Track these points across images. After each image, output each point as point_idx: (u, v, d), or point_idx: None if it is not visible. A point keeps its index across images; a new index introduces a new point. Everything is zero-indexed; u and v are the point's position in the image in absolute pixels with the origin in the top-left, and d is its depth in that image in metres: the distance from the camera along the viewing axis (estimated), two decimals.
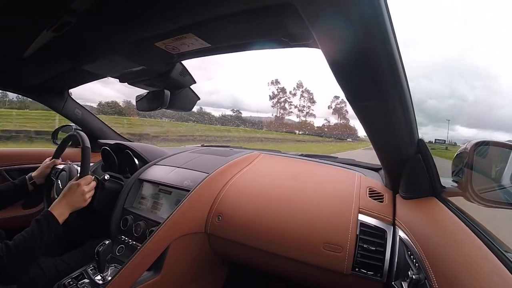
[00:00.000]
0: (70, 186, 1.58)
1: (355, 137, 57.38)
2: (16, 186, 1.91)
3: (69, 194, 1.55)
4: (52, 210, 1.48)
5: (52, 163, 2.04)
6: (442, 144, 25.27)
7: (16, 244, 1.32)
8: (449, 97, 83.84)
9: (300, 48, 1.23)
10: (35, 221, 1.42)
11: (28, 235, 1.36)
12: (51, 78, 2.05)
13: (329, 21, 0.76)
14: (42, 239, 1.38)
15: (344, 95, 1.03)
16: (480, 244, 0.90)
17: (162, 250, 1.50)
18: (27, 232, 1.36)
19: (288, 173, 1.93)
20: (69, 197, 1.54)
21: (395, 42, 0.82)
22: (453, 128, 72.73)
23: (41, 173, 2.00)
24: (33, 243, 1.35)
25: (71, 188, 1.57)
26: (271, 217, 1.54)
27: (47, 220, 1.43)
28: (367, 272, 1.30)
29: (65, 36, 1.32)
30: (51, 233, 1.41)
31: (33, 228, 1.39)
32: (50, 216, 1.45)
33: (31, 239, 1.35)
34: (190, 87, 1.74)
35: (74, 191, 1.57)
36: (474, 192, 1.07)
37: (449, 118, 78.18)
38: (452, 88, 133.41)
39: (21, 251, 1.32)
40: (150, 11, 1.11)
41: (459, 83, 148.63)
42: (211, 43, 1.30)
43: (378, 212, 1.43)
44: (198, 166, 1.97)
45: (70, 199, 1.54)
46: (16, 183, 1.91)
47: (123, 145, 2.25)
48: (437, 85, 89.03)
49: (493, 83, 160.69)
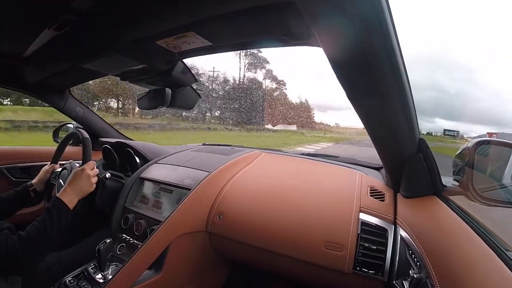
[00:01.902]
0: (74, 173, 1.58)
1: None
2: (18, 193, 1.90)
3: (74, 180, 1.56)
4: (60, 196, 1.48)
5: (51, 168, 2.02)
6: (454, 137, 20.13)
7: (28, 234, 1.32)
8: (428, 88, 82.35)
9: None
10: (46, 209, 1.42)
11: (40, 224, 1.37)
12: (52, 76, 2.05)
13: (330, 19, 0.75)
14: (53, 227, 1.38)
15: (345, 93, 1.03)
16: (481, 242, 0.90)
17: (163, 249, 1.50)
18: (38, 222, 1.37)
19: (289, 172, 1.93)
20: (75, 183, 1.55)
21: (396, 40, 0.81)
22: (433, 120, 72.62)
23: (40, 179, 1.98)
24: (45, 232, 1.36)
25: (76, 175, 1.57)
26: (272, 216, 1.54)
27: (57, 207, 1.44)
28: (368, 271, 1.30)
29: (66, 35, 1.32)
30: (61, 220, 1.42)
31: (44, 217, 1.39)
32: (60, 203, 1.45)
33: (43, 228, 1.36)
34: (191, 85, 1.73)
35: (80, 176, 1.57)
36: (475, 191, 1.07)
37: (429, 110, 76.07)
38: (431, 80, 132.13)
39: (34, 241, 1.33)
40: (151, 10, 1.11)
41: (439, 75, 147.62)
42: (212, 41, 1.29)
43: (379, 211, 1.43)
44: (199, 164, 1.97)
45: (77, 185, 1.55)
46: (17, 191, 1.90)
47: (124, 143, 2.25)
48: (416, 76, 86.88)
49: (472, 76, 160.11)
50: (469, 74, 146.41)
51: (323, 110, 71.92)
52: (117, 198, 1.92)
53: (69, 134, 2.11)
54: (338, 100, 57.02)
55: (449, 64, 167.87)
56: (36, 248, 1.34)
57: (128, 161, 2.20)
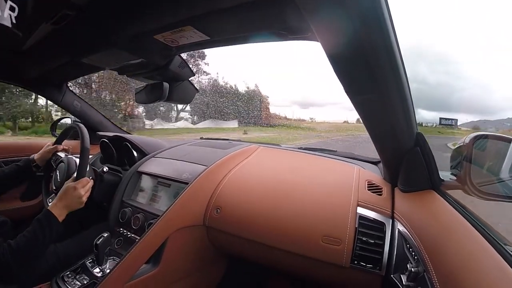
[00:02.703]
0: (66, 188, 1.58)
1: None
2: (20, 168, 1.93)
3: (65, 197, 1.56)
4: (51, 209, 1.49)
5: (53, 149, 2.05)
6: (451, 126, 17.54)
7: (19, 244, 1.34)
8: (411, 81, 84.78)
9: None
10: (37, 220, 1.44)
11: (30, 234, 1.38)
12: (50, 70, 2.05)
13: (328, 13, 0.75)
14: (44, 238, 1.40)
15: (343, 88, 1.03)
16: (478, 237, 0.90)
17: (160, 243, 1.50)
18: (29, 232, 1.39)
19: (286, 166, 1.93)
20: (66, 200, 1.55)
21: (394, 35, 0.81)
22: (416, 111, 75.34)
23: (42, 156, 2.02)
24: (36, 242, 1.38)
25: (67, 191, 1.57)
26: (269, 210, 1.54)
27: (48, 219, 1.46)
28: (366, 265, 1.30)
29: (64, 29, 1.31)
30: (51, 232, 1.44)
31: (34, 227, 1.41)
32: (50, 215, 1.47)
33: (34, 238, 1.38)
34: (189, 79, 1.73)
35: (71, 194, 1.57)
36: (472, 185, 1.07)
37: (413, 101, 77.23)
38: (414, 71, 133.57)
39: (24, 251, 1.35)
40: (149, 4, 1.11)
41: (421, 67, 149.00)
42: (210, 36, 1.29)
43: (377, 205, 1.43)
44: (197, 158, 1.98)
45: (67, 202, 1.55)
46: (20, 165, 1.94)
47: (122, 137, 2.25)
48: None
49: (453, 68, 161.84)
50: (450, 65, 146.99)
51: (305, 107, 72.07)
52: (115, 192, 1.92)
53: (69, 127, 2.11)
54: (320, 97, 57.23)
55: (432, 56, 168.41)
56: (26, 258, 1.36)
57: (125, 155, 2.20)
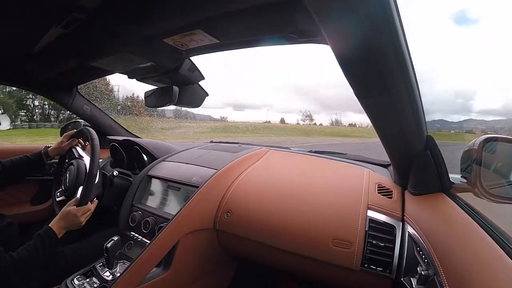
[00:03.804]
0: (68, 213, 1.61)
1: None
2: (30, 159, 1.95)
3: (66, 220, 1.59)
4: (52, 226, 1.54)
5: (69, 144, 2.06)
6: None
7: (20, 256, 1.36)
8: (338, 86, 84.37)
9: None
10: (38, 236, 1.47)
11: (31, 248, 1.41)
12: (59, 74, 2.06)
13: (338, 17, 0.76)
14: (45, 253, 1.44)
15: (353, 91, 1.03)
16: (489, 240, 0.89)
17: (171, 247, 1.50)
18: (30, 246, 1.42)
19: (296, 169, 1.93)
20: (66, 222, 1.59)
21: (403, 37, 0.82)
22: (345, 114, 75.45)
23: (57, 149, 2.03)
24: (36, 256, 1.41)
25: (68, 216, 1.60)
26: (279, 213, 1.53)
27: (48, 236, 1.49)
28: (376, 268, 1.30)
29: (74, 33, 1.33)
30: (51, 248, 1.48)
31: (35, 242, 1.44)
32: (52, 232, 1.51)
33: (34, 252, 1.41)
34: (199, 83, 1.74)
35: (72, 220, 1.61)
36: (483, 188, 1.06)
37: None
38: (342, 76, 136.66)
39: (26, 264, 1.37)
40: (158, 8, 1.11)
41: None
42: (219, 39, 1.30)
43: (387, 208, 1.42)
44: (207, 162, 1.98)
45: (66, 224, 1.59)
46: (29, 156, 1.96)
47: (131, 141, 2.26)
48: (329, 74, 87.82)
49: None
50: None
51: (240, 109, 73.72)
52: (125, 196, 1.93)
53: (79, 132, 2.11)
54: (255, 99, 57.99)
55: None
56: (27, 271, 1.38)
57: (135, 158, 2.21)
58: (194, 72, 1.63)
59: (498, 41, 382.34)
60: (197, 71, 1.64)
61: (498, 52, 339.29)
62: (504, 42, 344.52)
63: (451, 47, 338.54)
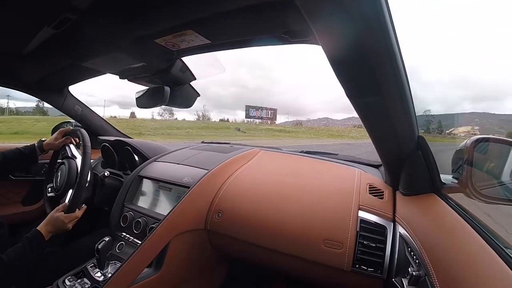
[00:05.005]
0: (56, 219, 1.62)
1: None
2: (23, 152, 1.94)
3: (54, 225, 1.61)
4: (40, 229, 1.55)
5: (63, 142, 2.05)
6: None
7: (9, 257, 1.38)
8: (230, 85, 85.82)
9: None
10: (26, 238, 1.48)
11: (19, 250, 1.43)
12: (51, 74, 2.06)
13: (329, 17, 0.75)
14: (32, 255, 1.45)
15: (344, 91, 1.03)
16: (480, 240, 0.90)
17: (162, 247, 1.50)
18: (18, 247, 1.44)
19: (288, 170, 1.93)
20: (53, 227, 1.60)
21: (395, 38, 0.82)
22: (235, 113, 78.73)
23: (52, 144, 2.01)
24: (26, 257, 1.42)
25: (56, 222, 1.61)
26: (271, 213, 1.53)
27: (37, 239, 1.51)
28: (368, 269, 1.30)
29: (65, 33, 1.32)
30: (39, 250, 1.50)
31: (24, 244, 1.46)
32: (40, 235, 1.53)
33: (23, 254, 1.43)
34: (190, 83, 1.74)
35: (59, 226, 1.62)
36: (474, 189, 1.07)
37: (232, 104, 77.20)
38: (235, 76, 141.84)
39: (14, 265, 1.38)
40: (150, 8, 1.11)
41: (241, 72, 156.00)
42: (211, 39, 1.30)
43: (378, 208, 1.43)
44: (198, 162, 1.97)
45: (54, 229, 1.60)
46: (22, 149, 1.94)
47: (123, 141, 2.26)
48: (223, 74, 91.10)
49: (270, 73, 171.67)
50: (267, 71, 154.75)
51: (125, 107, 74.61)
52: (116, 197, 1.92)
53: (71, 131, 2.09)
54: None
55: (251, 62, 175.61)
56: (15, 272, 1.40)
57: (127, 159, 2.20)
58: (185, 72, 1.63)
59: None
60: (188, 72, 1.64)
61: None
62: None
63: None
